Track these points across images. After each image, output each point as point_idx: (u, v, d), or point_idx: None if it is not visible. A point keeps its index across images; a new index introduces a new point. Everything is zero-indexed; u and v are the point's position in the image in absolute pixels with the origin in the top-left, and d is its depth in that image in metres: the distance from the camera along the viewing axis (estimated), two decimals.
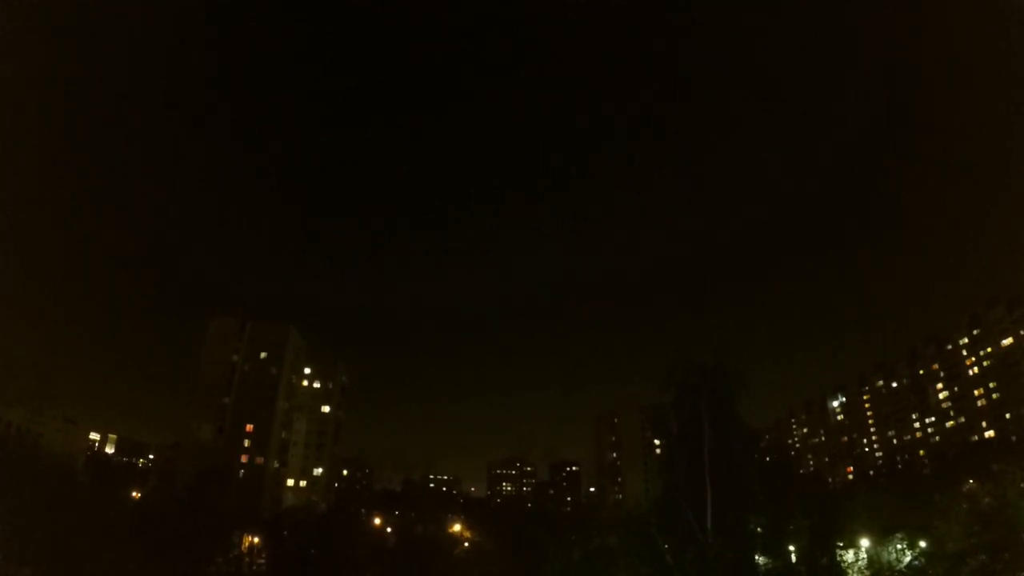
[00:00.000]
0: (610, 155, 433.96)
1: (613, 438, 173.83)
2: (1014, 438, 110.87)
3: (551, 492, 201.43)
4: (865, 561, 33.62)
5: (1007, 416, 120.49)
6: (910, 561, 32.35)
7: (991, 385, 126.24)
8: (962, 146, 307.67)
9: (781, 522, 25.21)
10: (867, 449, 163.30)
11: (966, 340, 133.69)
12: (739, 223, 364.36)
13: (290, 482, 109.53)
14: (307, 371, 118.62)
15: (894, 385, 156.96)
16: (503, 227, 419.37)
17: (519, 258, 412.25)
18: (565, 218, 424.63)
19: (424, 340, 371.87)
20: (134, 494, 73.21)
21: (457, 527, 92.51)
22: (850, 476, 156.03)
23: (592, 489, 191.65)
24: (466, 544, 71.08)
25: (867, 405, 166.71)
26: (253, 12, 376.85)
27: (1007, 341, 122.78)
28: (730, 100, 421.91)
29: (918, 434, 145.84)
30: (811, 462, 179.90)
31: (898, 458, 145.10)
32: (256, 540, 51.90)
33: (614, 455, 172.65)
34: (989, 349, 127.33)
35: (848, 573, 29.97)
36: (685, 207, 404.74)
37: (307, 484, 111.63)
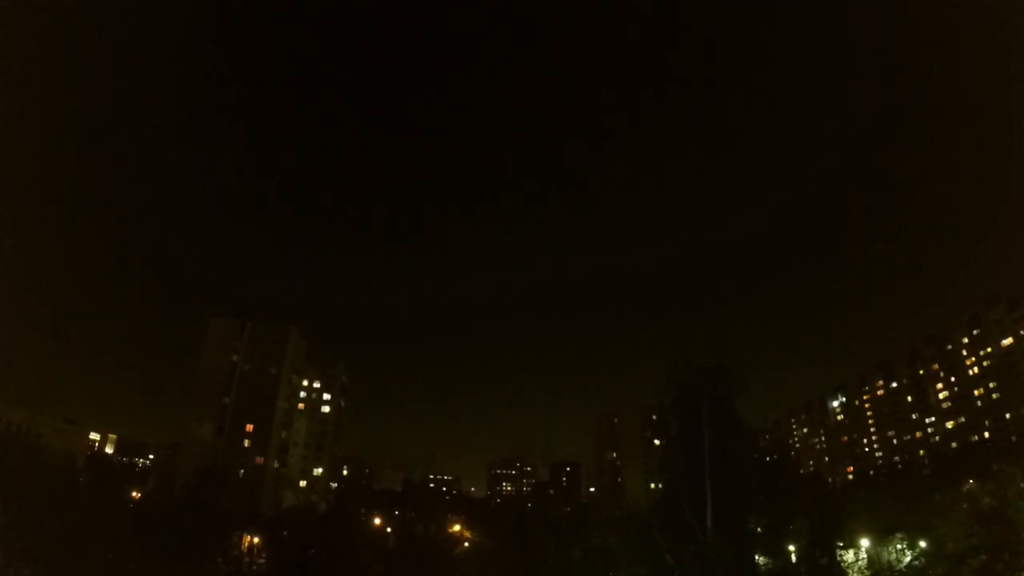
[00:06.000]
0: (610, 155, 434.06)
1: (613, 438, 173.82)
2: (1014, 438, 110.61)
3: (551, 492, 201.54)
4: (865, 561, 33.54)
5: (1007, 416, 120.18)
6: (910, 561, 32.27)
7: (991, 385, 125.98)
8: (962, 146, 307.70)
9: (781, 522, 25.17)
10: (867, 449, 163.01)
11: (966, 340, 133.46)
12: (739, 223, 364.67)
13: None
14: (307, 371, 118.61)
15: (894, 385, 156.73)
16: (503, 227, 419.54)
17: (519, 258, 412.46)
18: (565, 218, 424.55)
19: (424, 340, 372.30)
20: (134, 494, 73.19)
21: (457, 527, 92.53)
22: (850, 476, 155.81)
23: (592, 489, 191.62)
24: (466, 544, 71.12)
25: (867, 405, 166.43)
26: (253, 14, 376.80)
27: (1007, 341, 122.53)
28: (731, 102, 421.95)
29: (918, 434, 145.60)
30: (811, 462, 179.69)
31: (898, 458, 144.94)
32: (256, 540, 51.91)
33: (614, 455, 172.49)
34: (989, 349, 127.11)
35: (848, 573, 29.90)
36: (685, 208, 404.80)
37: (307, 484, 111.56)
